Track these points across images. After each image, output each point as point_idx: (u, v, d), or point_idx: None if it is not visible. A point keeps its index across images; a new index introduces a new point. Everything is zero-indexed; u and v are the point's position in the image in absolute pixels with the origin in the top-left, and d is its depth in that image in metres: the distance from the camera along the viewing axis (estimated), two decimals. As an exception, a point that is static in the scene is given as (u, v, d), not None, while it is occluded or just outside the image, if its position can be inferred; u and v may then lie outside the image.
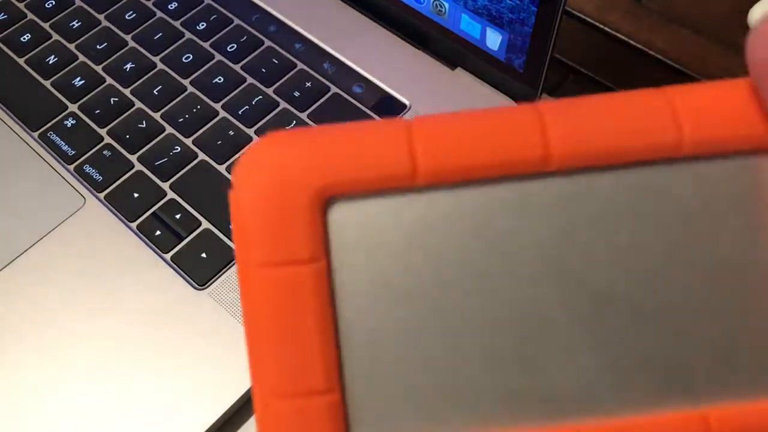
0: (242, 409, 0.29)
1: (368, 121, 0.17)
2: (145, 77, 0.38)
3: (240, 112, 0.36)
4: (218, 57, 0.38)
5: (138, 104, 0.37)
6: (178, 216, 0.33)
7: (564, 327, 0.16)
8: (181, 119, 0.36)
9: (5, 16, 0.41)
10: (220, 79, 0.38)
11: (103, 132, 0.36)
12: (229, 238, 0.32)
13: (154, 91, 0.37)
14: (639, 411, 0.16)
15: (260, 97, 0.37)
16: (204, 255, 0.32)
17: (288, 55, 0.38)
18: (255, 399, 0.17)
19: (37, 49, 0.39)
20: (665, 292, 0.16)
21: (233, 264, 0.32)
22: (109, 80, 0.38)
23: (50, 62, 0.39)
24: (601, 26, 0.50)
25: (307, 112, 0.36)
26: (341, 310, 0.16)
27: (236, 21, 0.40)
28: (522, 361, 0.16)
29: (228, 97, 0.37)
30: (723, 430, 0.15)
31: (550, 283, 0.16)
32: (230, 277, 0.31)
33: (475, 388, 0.16)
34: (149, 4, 0.41)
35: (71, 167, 0.35)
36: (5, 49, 0.40)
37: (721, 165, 0.16)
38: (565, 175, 0.16)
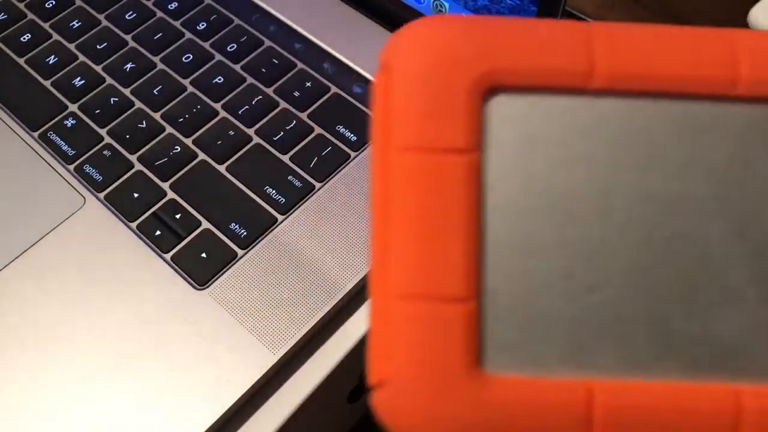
0: (242, 409, 0.29)
1: (543, 19, 0.15)
2: (145, 77, 0.38)
3: (240, 112, 0.36)
4: (218, 57, 0.38)
5: (138, 104, 0.37)
6: (178, 216, 0.33)
7: (731, 269, 0.14)
8: (181, 119, 0.36)
9: (5, 16, 0.41)
10: (220, 79, 0.38)
11: (103, 132, 0.36)
12: (229, 238, 0.32)
13: (154, 91, 0.37)
14: None
15: (260, 97, 0.37)
16: (204, 255, 0.32)
17: (288, 55, 0.38)
18: (374, 299, 0.15)
19: (37, 49, 0.39)
20: None
21: (233, 264, 0.32)
22: (109, 80, 0.38)
23: (50, 62, 0.39)
24: (601, 26, 0.50)
25: (307, 112, 0.36)
26: (489, 211, 0.14)
27: (236, 21, 0.40)
28: (680, 300, 0.14)
29: (228, 97, 0.37)
30: None
31: (720, 216, 0.14)
32: (230, 277, 0.31)
33: (625, 324, 0.14)
34: (149, 4, 0.41)
35: (71, 167, 0.35)
36: (5, 49, 0.40)
37: None
38: (752, 103, 0.14)
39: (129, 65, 0.38)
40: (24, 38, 0.40)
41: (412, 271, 0.14)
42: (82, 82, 0.38)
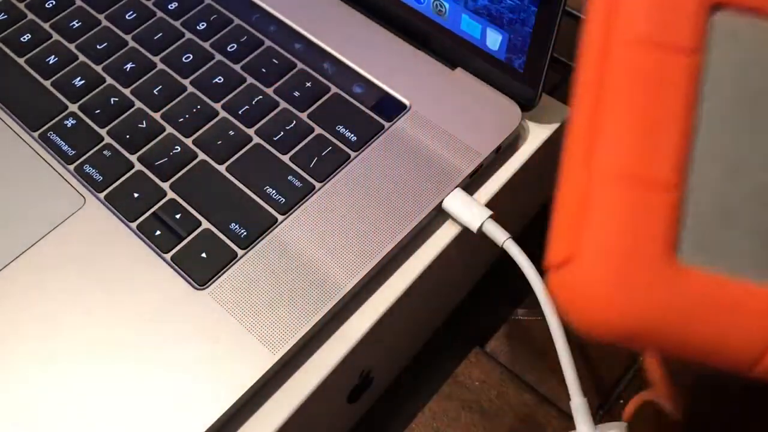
0: (242, 409, 0.29)
1: None
2: (145, 77, 0.38)
3: (240, 112, 0.36)
4: (218, 57, 0.38)
5: (138, 104, 0.37)
6: (178, 216, 0.33)
7: None
8: (181, 119, 0.36)
9: (5, 16, 0.41)
10: (220, 79, 0.38)
11: (103, 132, 0.36)
12: (229, 238, 0.32)
13: (154, 91, 0.37)
14: None
15: (260, 97, 0.37)
16: (204, 255, 0.32)
17: (288, 55, 0.38)
18: (573, 177, 0.16)
19: (37, 49, 0.39)
20: None
21: (233, 264, 0.32)
22: (109, 80, 0.38)
23: (50, 62, 0.39)
24: (601, 26, 0.50)
25: (307, 112, 0.36)
26: (703, 114, 0.15)
27: (236, 21, 0.40)
28: None
29: (228, 97, 0.37)
30: None
31: None
32: (230, 277, 0.31)
33: None
34: (149, 4, 0.41)
35: (71, 167, 0.35)
36: (5, 49, 0.40)
37: None
38: None
39: (129, 65, 0.38)
40: (24, 38, 0.40)
41: (624, 154, 0.15)
42: (82, 82, 0.38)
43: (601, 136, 0.15)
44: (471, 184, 0.35)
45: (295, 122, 0.36)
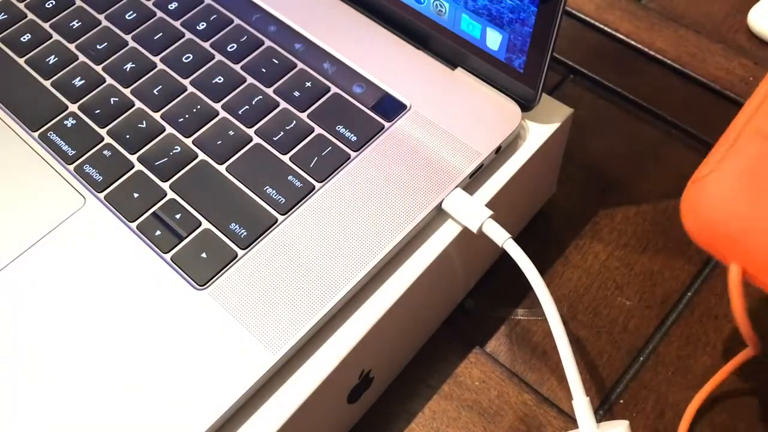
0: (242, 409, 0.29)
1: None
2: (145, 77, 0.38)
3: (240, 112, 0.36)
4: (218, 57, 0.38)
5: (138, 104, 0.37)
6: (178, 216, 0.33)
7: None
8: (181, 119, 0.36)
9: (5, 16, 0.41)
10: (220, 79, 0.38)
11: (103, 132, 0.36)
12: (229, 238, 0.32)
13: (154, 91, 0.37)
14: None
15: (260, 97, 0.37)
16: (204, 255, 0.32)
17: (288, 55, 0.38)
18: (733, 128, 0.26)
19: (37, 49, 0.39)
20: None
21: (233, 264, 0.32)
22: (109, 80, 0.38)
23: (50, 62, 0.39)
24: (601, 26, 0.50)
25: (307, 112, 0.36)
26: None
27: (236, 21, 0.40)
28: None
29: (228, 97, 0.37)
30: None
31: None
32: (230, 277, 0.31)
33: None
34: (149, 4, 0.41)
35: (71, 167, 0.35)
36: (5, 49, 0.40)
37: None
38: None
39: (129, 65, 0.38)
40: (24, 38, 0.40)
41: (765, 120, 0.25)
42: (82, 82, 0.38)
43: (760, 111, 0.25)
44: (471, 184, 0.35)
45: (295, 122, 0.36)
